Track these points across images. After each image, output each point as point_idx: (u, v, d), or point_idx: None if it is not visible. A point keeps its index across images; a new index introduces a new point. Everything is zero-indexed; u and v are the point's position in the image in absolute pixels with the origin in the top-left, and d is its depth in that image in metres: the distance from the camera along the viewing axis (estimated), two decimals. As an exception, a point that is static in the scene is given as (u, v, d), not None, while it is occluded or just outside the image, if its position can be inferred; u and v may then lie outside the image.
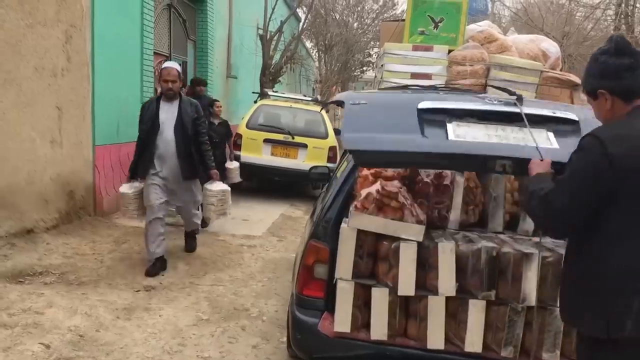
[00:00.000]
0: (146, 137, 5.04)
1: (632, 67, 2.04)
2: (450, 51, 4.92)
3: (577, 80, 4.32)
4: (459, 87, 4.10)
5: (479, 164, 2.57)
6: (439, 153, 2.52)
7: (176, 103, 5.12)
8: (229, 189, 5.44)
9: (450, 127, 2.59)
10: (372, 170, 3.17)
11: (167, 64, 5.26)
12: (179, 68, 5.26)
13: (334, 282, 2.86)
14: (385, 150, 2.51)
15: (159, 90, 5.42)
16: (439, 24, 5.05)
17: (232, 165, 7.96)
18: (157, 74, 9.82)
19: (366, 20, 25.86)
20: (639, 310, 1.91)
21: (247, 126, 9.65)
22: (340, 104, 3.11)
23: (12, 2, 5.23)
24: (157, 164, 5.03)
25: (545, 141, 2.52)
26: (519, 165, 2.38)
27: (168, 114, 5.07)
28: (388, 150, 2.50)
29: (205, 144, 5.24)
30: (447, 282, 2.76)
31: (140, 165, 5.10)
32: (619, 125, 2.03)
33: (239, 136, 9.50)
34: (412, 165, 3.03)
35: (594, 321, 1.98)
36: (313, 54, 29.22)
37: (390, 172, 3.17)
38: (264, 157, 9.49)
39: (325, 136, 9.76)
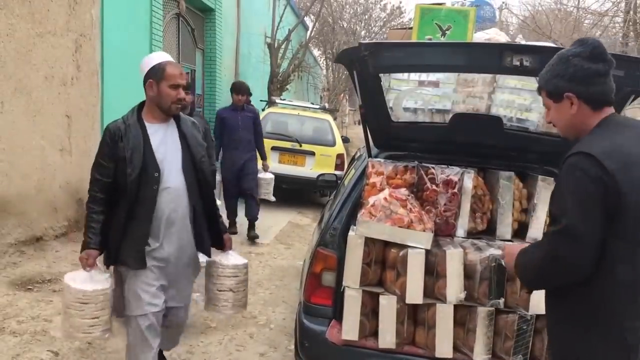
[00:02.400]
0: (131, 191, 2.79)
1: (605, 74, 1.94)
2: (457, 59, 4.90)
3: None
4: None
5: (496, 60, 2.52)
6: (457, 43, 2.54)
7: (172, 124, 3.01)
8: (247, 262, 3.31)
9: None
10: (380, 178, 3.17)
11: (164, 56, 3.06)
12: None
13: (342, 289, 2.86)
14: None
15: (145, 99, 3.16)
16: (447, 31, 5.04)
17: (266, 176, 7.25)
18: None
19: (374, 29, 25.89)
20: None
21: None
22: None
23: (23, 11, 5.29)
24: (153, 237, 2.86)
25: None
26: (537, 60, 2.34)
27: (167, 144, 2.93)
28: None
29: (212, 189, 3.22)
30: (455, 290, 2.74)
31: (121, 243, 2.85)
32: (601, 140, 1.88)
33: None
34: (433, 67, 3.08)
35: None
36: (320, 62, 29.29)
37: (398, 180, 3.17)
38: (272, 164, 9.51)
39: (332, 144, 9.77)
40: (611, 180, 1.77)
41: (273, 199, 7.29)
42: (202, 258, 3.18)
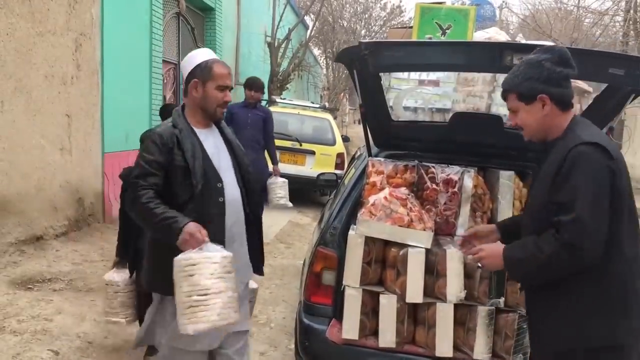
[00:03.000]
0: (197, 205, 2.45)
1: (570, 77, 2.09)
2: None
3: (586, 87, 4.29)
4: None
5: (496, 59, 2.54)
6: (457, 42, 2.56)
7: (215, 129, 2.71)
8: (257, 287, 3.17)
9: None
10: (380, 177, 3.17)
11: (210, 53, 2.70)
12: None
13: (342, 289, 2.86)
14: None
15: (182, 102, 2.74)
16: (447, 30, 5.04)
17: (277, 180, 6.69)
18: (173, 78, 9.81)
19: (374, 28, 25.88)
20: None
21: None
22: None
23: (23, 11, 5.29)
24: None
25: None
26: None
27: (220, 152, 2.65)
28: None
29: (261, 201, 2.97)
30: (455, 289, 2.74)
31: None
32: (593, 132, 2.04)
33: None
34: (433, 66, 3.06)
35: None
36: (321, 62, 29.28)
37: (398, 179, 3.17)
38: None
39: (333, 143, 9.77)
40: (616, 166, 1.93)
41: (290, 204, 6.72)
42: (253, 284, 2.95)
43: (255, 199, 2.71)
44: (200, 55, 2.65)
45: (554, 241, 1.92)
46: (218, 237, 2.41)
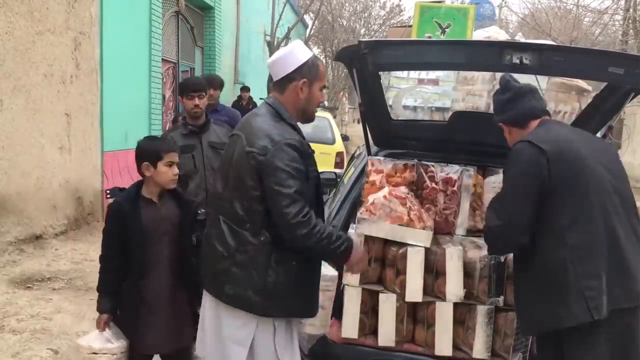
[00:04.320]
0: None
1: (512, 99, 2.41)
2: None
3: (585, 85, 4.29)
4: None
5: (496, 58, 2.54)
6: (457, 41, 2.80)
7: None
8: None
9: None
10: (380, 176, 3.17)
11: (307, 49, 2.48)
12: None
13: (341, 288, 2.86)
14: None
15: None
16: (446, 29, 5.02)
17: None
18: (172, 77, 9.79)
19: (373, 27, 25.87)
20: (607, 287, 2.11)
21: None
22: None
23: (22, 9, 5.28)
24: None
25: None
26: (537, 58, 2.43)
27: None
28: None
29: None
30: (454, 288, 2.74)
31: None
32: (534, 132, 2.33)
33: None
34: (433, 65, 3.10)
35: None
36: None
37: (397, 178, 3.16)
38: None
39: (332, 142, 9.77)
40: (547, 159, 2.17)
41: None
42: None
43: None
44: (304, 50, 2.41)
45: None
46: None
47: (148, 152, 2.58)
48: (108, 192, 2.76)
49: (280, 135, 2.22)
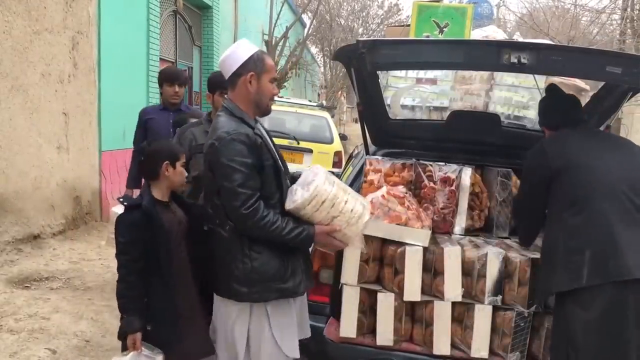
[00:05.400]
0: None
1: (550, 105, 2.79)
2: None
3: (583, 85, 4.29)
4: None
5: (493, 57, 2.53)
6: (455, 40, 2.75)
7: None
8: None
9: None
10: (378, 175, 3.17)
11: (253, 45, 2.56)
12: None
13: (340, 287, 2.86)
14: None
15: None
16: (444, 29, 5.03)
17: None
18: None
19: (371, 26, 25.89)
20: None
21: None
22: None
23: (20, 9, 5.27)
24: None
25: None
26: (535, 58, 2.41)
27: None
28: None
29: None
30: (453, 287, 2.74)
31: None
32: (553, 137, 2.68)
33: None
34: (431, 64, 3.09)
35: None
36: (318, 60, 29.27)
37: (395, 177, 3.17)
38: None
39: (330, 141, 9.77)
40: (546, 157, 2.51)
41: None
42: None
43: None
44: (249, 47, 2.49)
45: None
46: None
47: (167, 152, 2.52)
48: (121, 199, 2.60)
49: (226, 132, 2.32)
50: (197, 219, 2.62)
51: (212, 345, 2.56)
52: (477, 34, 5.33)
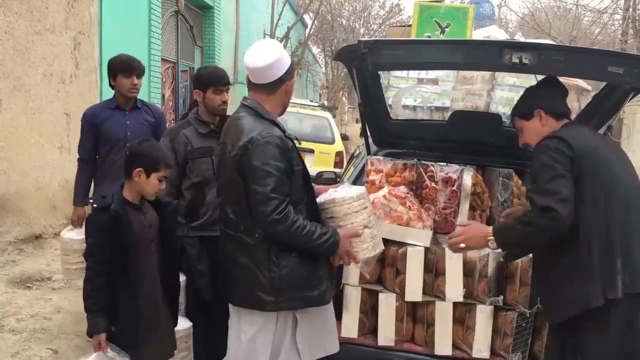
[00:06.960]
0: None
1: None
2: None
3: (584, 85, 4.29)
4: None
5: (495, 57, 2.50)
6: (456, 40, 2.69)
7: None
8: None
9: None
10: (379, 176, 3.17)
11: None
12: None
13: (341, 287, 2.86)
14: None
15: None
16: (446, 29, 5.03)
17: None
18: (172, 77, 9.81)
19: (373, 26, 25.86)
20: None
21: None
22: None
23: (21, 9, 5.27)
24: None
25: None
26: (537, 58, 2.40)
27: None
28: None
29: None
30: (454, 287, 2.74)
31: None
32: (563, 130, 2.34)
33: None
34: (432, 64, 3.06)
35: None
36: (320, 60, 29.27)
37: (397, 177, 3.17)
38: None
39: (332, 141, 9.77)
40: (572, 149, 2.18)
41: None
42: None
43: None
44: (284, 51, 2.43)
45: (531, 211, 2.18)
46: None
47: (146, 158, 2.40)
48: (92, 200, 2.51)
49: (259, 134, 2.25)
50: (171, 218, 2.60)
51: (174, 350, 2.61)
52: (478, 34, 5.33)
